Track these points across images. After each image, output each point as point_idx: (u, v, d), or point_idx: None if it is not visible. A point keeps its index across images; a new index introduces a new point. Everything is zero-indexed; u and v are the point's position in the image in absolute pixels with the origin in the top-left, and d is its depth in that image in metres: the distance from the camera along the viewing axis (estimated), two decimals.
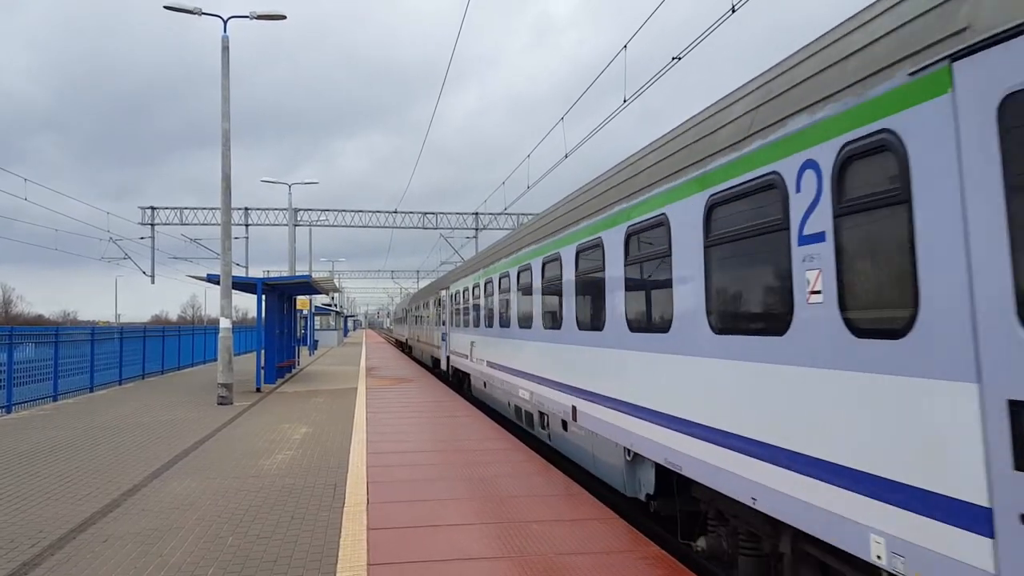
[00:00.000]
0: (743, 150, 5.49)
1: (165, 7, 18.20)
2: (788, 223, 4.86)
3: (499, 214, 46.45)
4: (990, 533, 3.31)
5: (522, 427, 13.60)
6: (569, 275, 9.88)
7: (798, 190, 4.76)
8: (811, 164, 4.64)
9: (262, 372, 22.12)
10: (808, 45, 5.31)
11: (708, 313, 5.96)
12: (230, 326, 18.74)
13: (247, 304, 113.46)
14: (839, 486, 4.30)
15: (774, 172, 5.06)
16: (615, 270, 8.08)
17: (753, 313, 5.44)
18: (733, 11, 11.04)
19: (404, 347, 50.61)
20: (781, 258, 4.95)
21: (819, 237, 4.53)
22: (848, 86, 4.38)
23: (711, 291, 5.95)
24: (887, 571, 3.97)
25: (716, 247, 5.88)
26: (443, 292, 24.67)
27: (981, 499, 3.36)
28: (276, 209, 48.26)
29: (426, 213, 50.24)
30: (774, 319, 5.04)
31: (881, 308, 4.11)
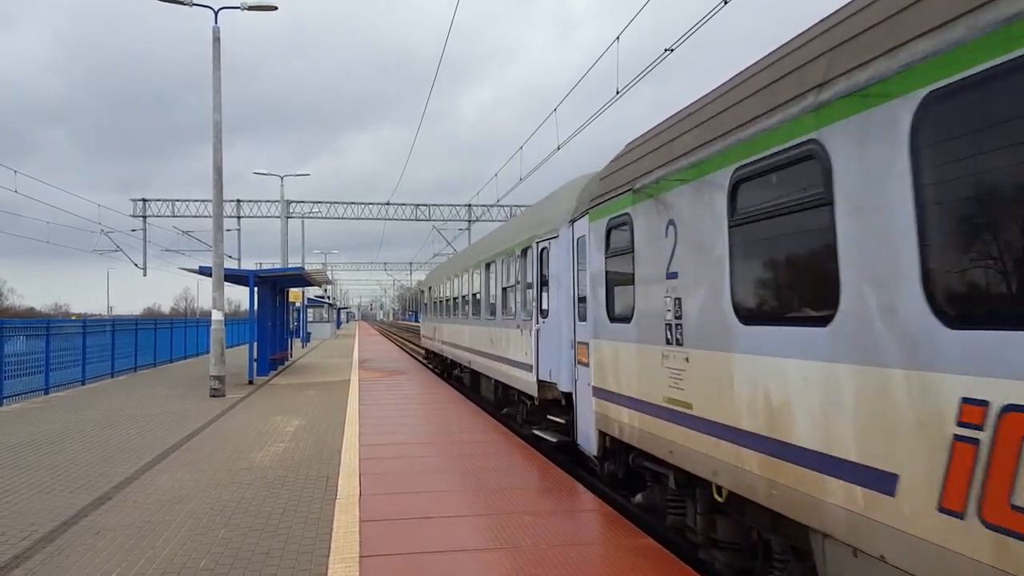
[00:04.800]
0: None
1: None
2: None
3: (492, 206, 46.46)
4: None
5: None
6: None
7: None
8: None
9: (255, 364, 22.08)
10: None
11: None
12: (222, 318, 18.72)
13: (240, 296, 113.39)
14: None
15: None
16: None
17: None
18: (725, 3, 11.06)
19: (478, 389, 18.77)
20: None
21: None
22: None
23: None
24: None
25: None
26: None
27: None
28: (268, 201, 48.19)
29: (418, 205, 50.32)
30: None
31: None
